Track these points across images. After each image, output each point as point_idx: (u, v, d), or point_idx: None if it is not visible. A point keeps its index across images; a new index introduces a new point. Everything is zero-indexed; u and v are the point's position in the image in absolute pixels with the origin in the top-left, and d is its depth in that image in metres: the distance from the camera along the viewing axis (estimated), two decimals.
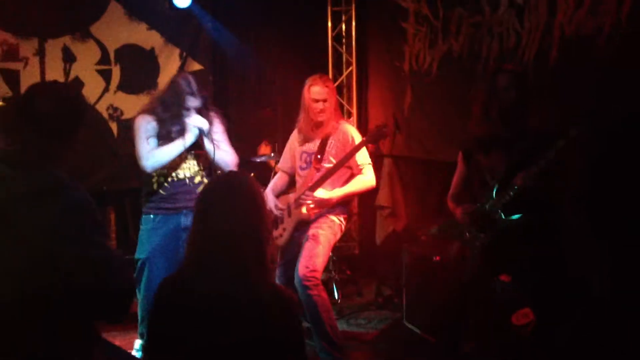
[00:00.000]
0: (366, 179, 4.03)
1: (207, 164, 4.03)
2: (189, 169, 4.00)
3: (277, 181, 4.40)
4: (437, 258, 4.22)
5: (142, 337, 4.09)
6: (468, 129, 3.60)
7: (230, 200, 2.06)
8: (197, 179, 4.02)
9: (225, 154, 3.98)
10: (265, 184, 4.35)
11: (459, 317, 3.68)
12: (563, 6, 3.94)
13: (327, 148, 4.03)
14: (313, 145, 4.10)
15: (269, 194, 4.24)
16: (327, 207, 4.00)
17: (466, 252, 3.49)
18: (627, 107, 3.47)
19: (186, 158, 3.98)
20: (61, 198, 1.94)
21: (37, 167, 2.00)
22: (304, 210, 3.98)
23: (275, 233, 4.14)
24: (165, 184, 3.97)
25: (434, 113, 5.38)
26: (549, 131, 3.30)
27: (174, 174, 3.97)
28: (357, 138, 4.06)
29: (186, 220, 3.92)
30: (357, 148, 3.89)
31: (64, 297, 1.96)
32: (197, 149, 3.98)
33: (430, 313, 4.26)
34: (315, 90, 4.02)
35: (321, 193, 3.93)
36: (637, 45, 3.42)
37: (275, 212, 4.15)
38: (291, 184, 4.41)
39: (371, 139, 3.90)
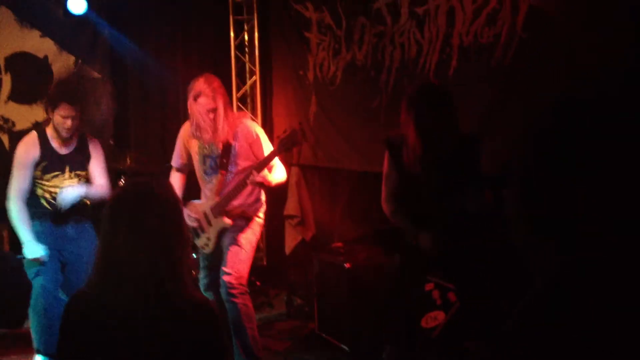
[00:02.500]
0: (282, 174, 3.93)
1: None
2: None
3: (175, 186, 4.11)
4: (348, 265, 4.24)
5: (38, 352, 3.91)
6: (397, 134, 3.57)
7: (142, 210, 1.96)
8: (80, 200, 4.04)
9: (98, 189, 4.09)
10: None
11: (376, 324, 3.70)
12: (461, 17, 4.07)
13: (232, 151, 3.86)
14: (215, 148, 3.88)
15: None
16: (262, 187, 3.91)
17: (409, 265, 3.47)
18: (527, 111, 3.62)
19: (69, 178, 4.02)
20: None
21: None
22: (226, 219, 3.86)
23: (200, 243, 3.99)
24: (51, 199, 3.98)
25: (339, 121, 5.43)
26: (469, 135, 3.35)
27: (57, 191, 3.97)
28: (262, 134, 3.93)
29: (72, 231, 4.03)
30: (270, 158, 3.75)
31: None
32: (79, 169, 4.06)
33: (344, 321, 4.28)
34: (204, 102, 3.75)
35: (262, 176, 3.73)
36: (533, 50, 3.59)
37: (190, 223, 3.97)
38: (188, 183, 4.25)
39: (284, 147, 3.72)
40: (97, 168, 4.10)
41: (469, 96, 3.99)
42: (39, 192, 3.98)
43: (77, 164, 4.04)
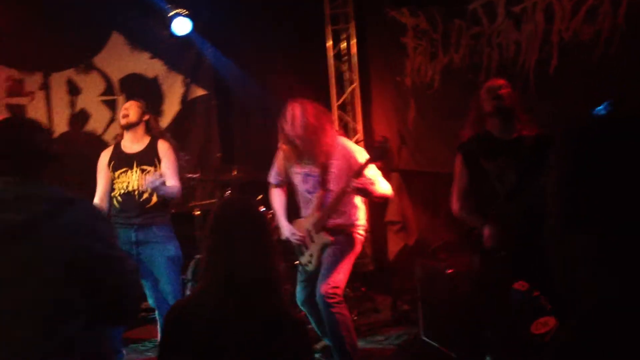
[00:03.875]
0: (386, 187, 3.97)
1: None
2: (137, 181, 4.27)
3: (278, 202, 4.27)
4: (450, 271, 4.20)
5: None
6: (464, 133, 3.62)
7: (243, 226, 2.09)
8: (145, 195, 4.25)
9: (172, 189, 4.27)
10: None
11: (478, 330, 3.67)
12: (559, 13, 3.97)
13: (330, 169, 3.94)
14: (314, 167, 3.96)
15: (281, 220, 4.18)
16: (364, 196, 3.92)
17: (488, 264, 3.46)
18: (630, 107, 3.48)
19: (135, 172, 4.28)
20: (77, 207, 2.02)
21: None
22: (327, 235, 3.93)
23: (303, 260, 4.08)
24: (119, 197, 4.29)
25: (438, 125, 5.40)
26: (550, 134, 3.33)
27: (124, 186, 4.27)
28: (357, 151, 3.99)
29: (136, 235, 4.22)
30: (363, 168, 3.79)
31: (89, 300, 2.00)
32: (146, 164, 4.28)
33: (448, 327, 4.24)
34: (293, 128, 3.86)
35: (364, 180, 3.77)
36: (636, 43, 3.45)
37: (293, 239, 4.08)
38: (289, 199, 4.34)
39: (375, 156, 3.80)
40: (167, 170, 4.28)
41: (571, 93, 3.88)
42: (112, 193, 4.30)
43: (144, 160, 4.30)
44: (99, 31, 6.17)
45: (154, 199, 4.25)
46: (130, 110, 4.37)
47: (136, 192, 4.25)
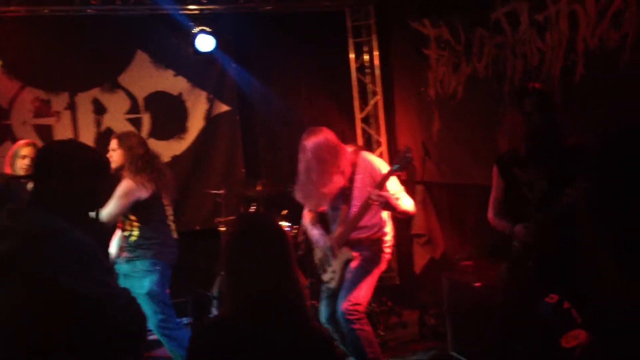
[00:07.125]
0: (409, 203, 3.92)
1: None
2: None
3: (309, 218, 4.22)
4: (478, 284, 4.13)
5: None
6: (499, 146, 3.65)
7: (263, 244, 2.04)
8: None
9: None
10: None
11: (507, 343, 3.60)
12: (584, 20, 3.89)
13: (355, 184, 3.93)
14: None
15: (314, 232, 4.14)
16: (387, 209, 3.84)
17: (516, 273, 3.43)
18: None
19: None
20: (59, 239, 2.00)
21: (47, 210, 2.06)
22: (349, 251, 3.90)
23: (326, 277, 4.04)
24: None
25: (463, 136, 5.34)
26: (582, 145, 3.30)
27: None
28: (380, 164, 3.96)
29: (123, 268, 4.24)
30: (386, 179, 3.77)
31: (71, 336, 1.98)
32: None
33: (477, 341, 4.17)
34: (304, 160, 3.92)
35: (387, 193, 3.75)
36: None
37: (316, 257, 4.11)
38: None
39: (398, 166, 3.74)
40: None
41: (598, 101, 3.81)
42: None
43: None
44: (123, 50, 6.22)
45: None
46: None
47: None
